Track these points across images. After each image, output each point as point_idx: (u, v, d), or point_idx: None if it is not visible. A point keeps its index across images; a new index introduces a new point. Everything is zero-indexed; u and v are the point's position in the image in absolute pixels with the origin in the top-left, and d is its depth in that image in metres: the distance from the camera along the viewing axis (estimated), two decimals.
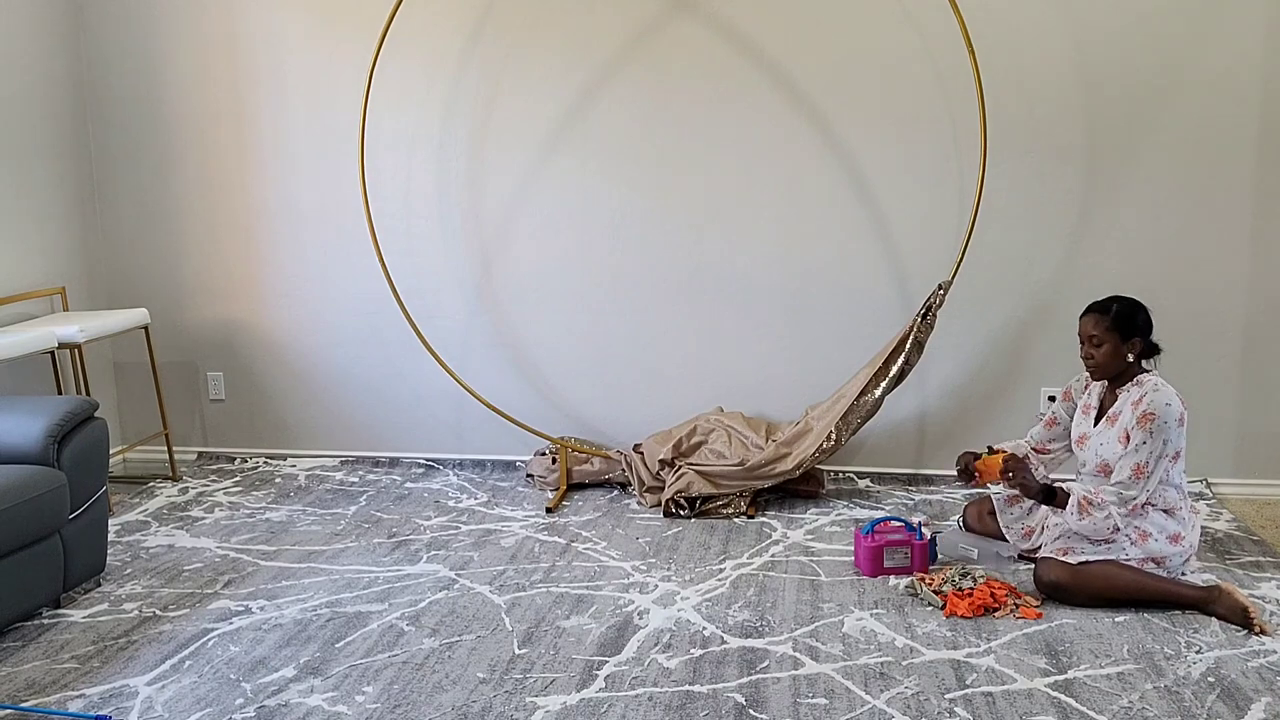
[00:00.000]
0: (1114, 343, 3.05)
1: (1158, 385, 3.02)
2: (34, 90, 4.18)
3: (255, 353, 4.54)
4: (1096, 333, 3.07)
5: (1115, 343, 3.05)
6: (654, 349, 4.27)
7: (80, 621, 3.02)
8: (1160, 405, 2.95)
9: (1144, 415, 2.95)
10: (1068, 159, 3.89)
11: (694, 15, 4.01)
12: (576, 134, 4.16)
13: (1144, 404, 2.97)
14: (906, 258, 4.05)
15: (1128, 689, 2.53)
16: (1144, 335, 3.07)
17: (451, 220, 4.30)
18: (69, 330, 3.80)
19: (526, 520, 3.81)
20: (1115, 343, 3.05)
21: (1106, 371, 3.10)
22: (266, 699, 2.56)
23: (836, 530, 3.64)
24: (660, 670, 2.66)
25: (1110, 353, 3.06)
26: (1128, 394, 3.06)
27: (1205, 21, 3.74)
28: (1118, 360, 3.07)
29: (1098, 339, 3.07)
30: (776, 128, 4.03)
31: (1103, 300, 3.12)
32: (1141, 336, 3.06)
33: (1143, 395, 3.00)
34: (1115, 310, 3.06)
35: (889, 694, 2.53)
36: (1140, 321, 3.06)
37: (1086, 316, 3.11)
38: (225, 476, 4.41)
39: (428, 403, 4.44)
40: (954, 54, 3.80)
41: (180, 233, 4.49)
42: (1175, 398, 2.98)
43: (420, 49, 4.17)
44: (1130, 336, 3.05)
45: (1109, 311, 3.07)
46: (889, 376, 3.75)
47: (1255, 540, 3.48)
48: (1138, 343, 3.06)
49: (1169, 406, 2.95)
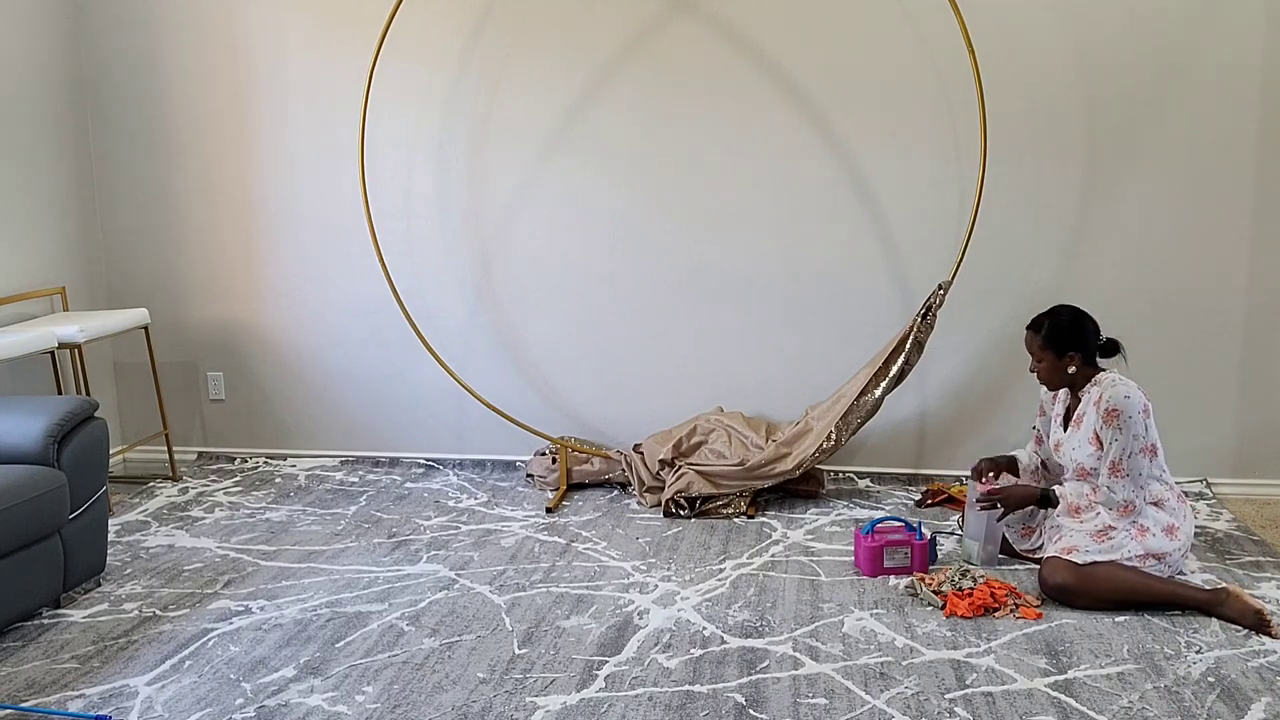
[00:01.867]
0: (1050, 359, 3.10)
1: (1114, 381, 3.04)
2: (34, 90, 4.18)
3: (255, 353, 4.54)
4: (1033, 350, 3.14)
5: (1051, 359, 3.10)
6: (654, 349, 4.27)
7: (80, 621, 3.02)
8: (1120, 399, 2.97)
9: (1107, 413, 2.99)
10: (1068, 159, 3.89)
11: (694, 15, 4.01)
12: (577, 134, 4.16)
13: (1104, 401, 3.00)
14: (906, 258, 4.05)
15: (1128, 689, 2.53)
16: (1080, 347, 3.08)
17: (451, 220, 4.30)
18: (69, 330, 3.80)
19: (526, 520, 3.81)
20: (1051, 359, 3.10)
21: (1053, 384, 3.17)
22: (266, 699, 2.56)
23: (836, 530, 3.64)
24: (660, 670, 2.66)
25: (1050, 368, 3.12)
26: (1088, 395, 3.09)
27: (1205, 21, 3.74)
28: (1059, 374, 3.12)
29: (1036, 355, 3.14)
30: (777, 127, 4.03)
31: (1038, 316, 3.16)
32: (1078, 349, 3.08)
33: (1101, 394, 3.03)
34: (1046, 328, 3.11)
35: (889, 694, 2.53)
36: (1073, 335, 3.08)
37: (1027, 333, 3.16)
38: (225, 476, 4.41)
39: (428, 403, 4.44)
40: (954, 54, 3.80)
41: (180, 233, 4.49)
42: (1134, 389, 3.01)
43: (420, 49, 4.17)
44: (1065, 351, 3.08)
45: (1040, 329, 3.12)
46: (889, 376, 3.75)
47: (1255, 540, 3.48)
48: (1075, 356, 3.08)
49: (1129, 399, 2.97)
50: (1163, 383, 3.91)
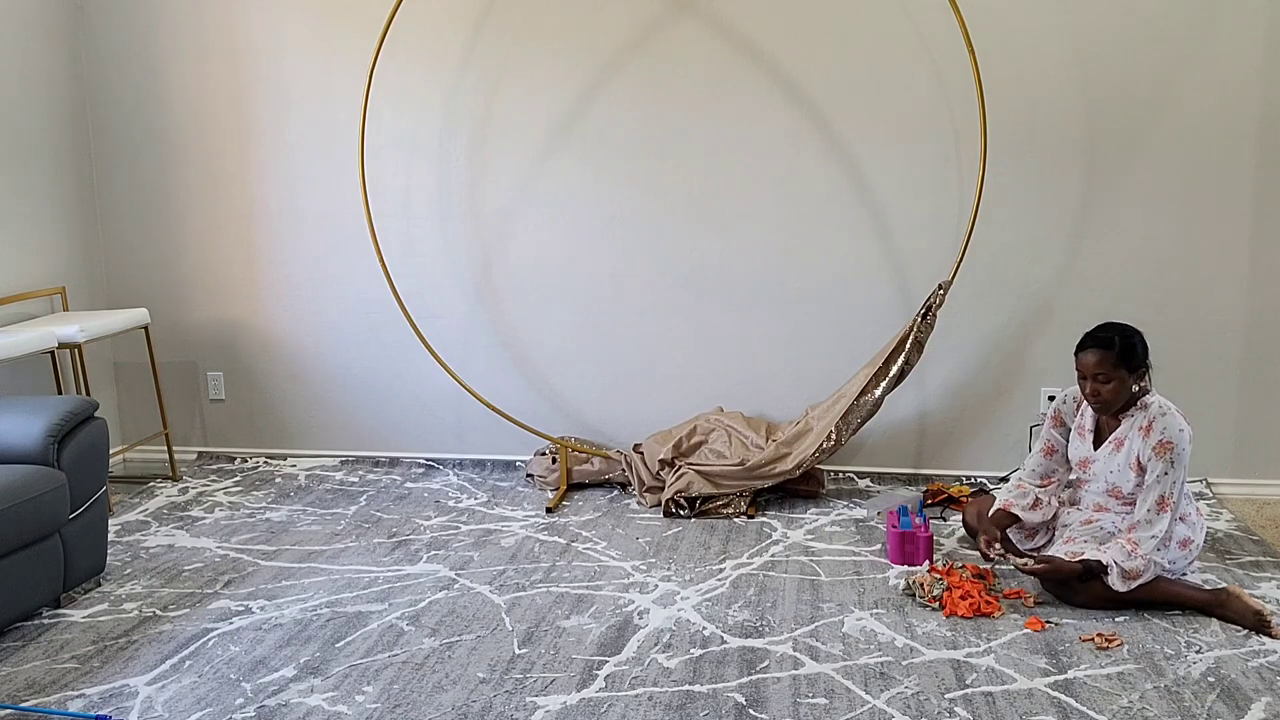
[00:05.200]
0: (1120, 379, 2.89)
1: (1164, 409, 2.90)
2: (34, 90, 4.18)
3: (255, 353, 4.54)
4: (1103, 370, 2.89)
5: (1123, 378, 2.90)
6: (654, 349, 4.27)
7: (80, 621, 3.02)
8: (1175, 432, 2.85)
9: (1161, 444, 2.85)
10: (1068, 159, 3.89)
11: (694, 15, 4.01)
12: (577, 134, 4.16)
13: (1157, 432, 2.86)
14: (906, 258, 4.05)
15: (1128, 689, 2.53)
16: (1145, 362, 2.94)
17: (451, 220, 4.30)
18: (69, 330, 3.79)
19: (526, 520, 3.81)
20: (1123, 378, 2.90)
21: (1114, 407, 2.95)
22: (266, 699, 2.56)
23: (836, 530, 3.64)
24: (660, 670, 2.66)
25: (1117, 389, 2.90)
26: (1132, 419, 2.95)
27: (1205, 22, 3.74)
28: (1125, 394, 2.92)
29: (1104, 376, 2.89)
30: (777, 127, 4.03)
31: (1101, 334, 2.94)
32: (1145, 364, 2.94)
33: (1151, 421, 2.89)
34: (1120, 345, 2.88)
35: (889, 694, 2.53)
36: (1142, 350, 2.93)
37: (1089, 352, 2.92)
38: (225, 476, 4.41)
39: (428, 403, 4.44)
40: (954, 54, 3.80)
41: (180, 233, 4.49)
42: (1184, 420, 2.89)
43: (420, 49, 4.17)
44: (1137, 368, 2.91)
45: (1113, 346, 2.88)
46: (889, 376, 3.75)
47: (1255, 540, 3.48)
48: (1144, 372, 2.93)
49: (1182, 432, 2.86)
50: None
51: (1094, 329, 2.99)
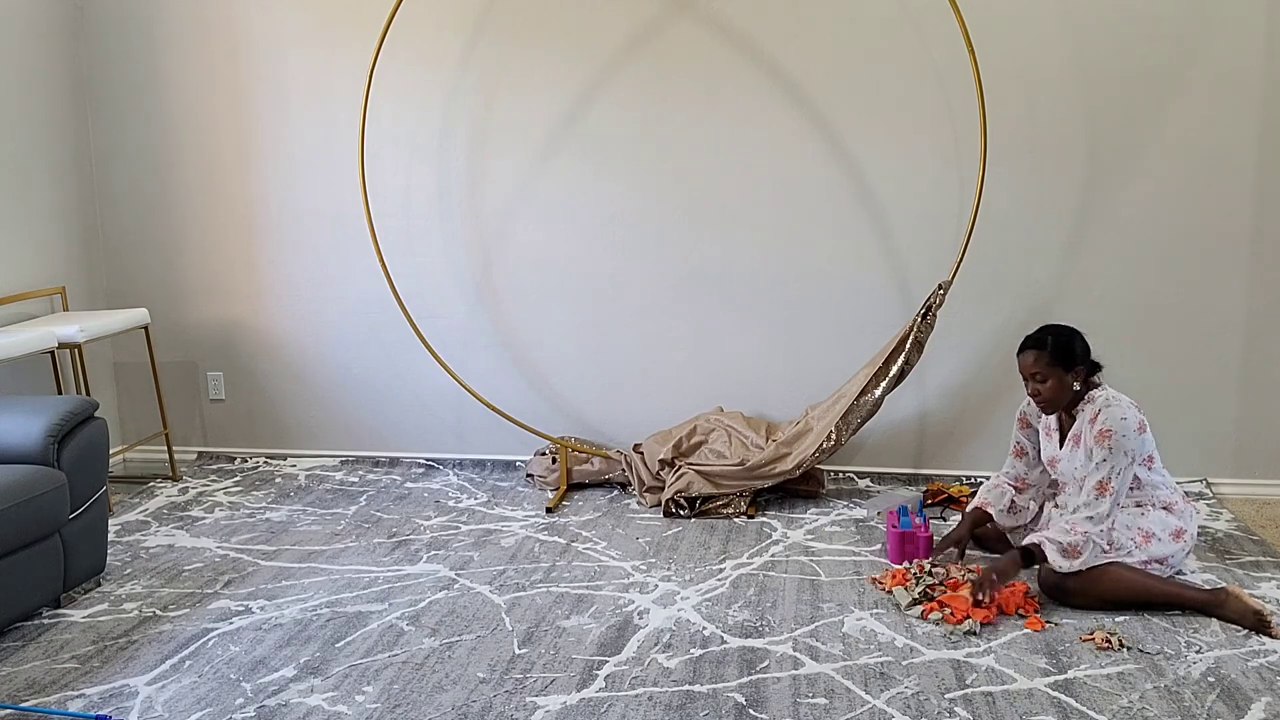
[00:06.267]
0: (1057, 377, 2.99)
1: (1109, 400, 2.97)
2: (34, 90, 4.18)
3: (255, 353, 4.54)
4: (1038, 369, 3.00)
5: (1059, 376, 2.99)
6: (654, 349, 4.27)
7: (80, 621, 3.02)
8: (1116, 420, 2.91)
9: (1101, 433, 2.92)
10: (1068, 159, 3.89)
11: (694, 15, 4.01)
12: (576, 134, 4.16)
13: (1100, 421, 2.93)
14: (906, 258, 4.05)
15: (1128, 689, 2.53)
16: (1085, 361, 3.02)
17: (451, 220, 4.30)
18: (69, 330, 3.80)
19: (526, 520, 3.81)
20: (1059, 376, 2.99)
21: (1056, 406, 3.05)
22: (266, 699, 2.56)
23: (836, 530, 3.64)
24: (660, 670, 2.66)
25: (1055, 387, 3.00)
26: (1084, 413, 3.02)
27: (1206, 21, 3.74)
28: (1064, 393, 3.01)
29: (1041, 375, 3.00)
30: (777, 127, 4.03)
31: (1036, 335, 3.05)
32: (1083, 363, 3.01)
33: (1097, 412, 2.96)
34: (1052, 344, 2.99)
35: (889, 694, 2.53)
36: (1079, 349, 3.01)
37: (1024, 354, 3.03)
38: (225, 476, 4.41)
39: (428, 403, 4.44)
40: (954, 54, 3.80)
41: (180, 233, 4.49)
42: (1130, 408, 2.94)
43: (420, 49, 4.17)
44: (1072, 367, 3.00)
45: (1045, 346, 2.99)
46: (889, 376, 3.75)
47: (1255, 540, 3.48)
48: (1080, 371, 3.01)
49: (1125, 420, 2.91)
50: (1163, 383, 3.92)
51: (1032, 331, 3.09)
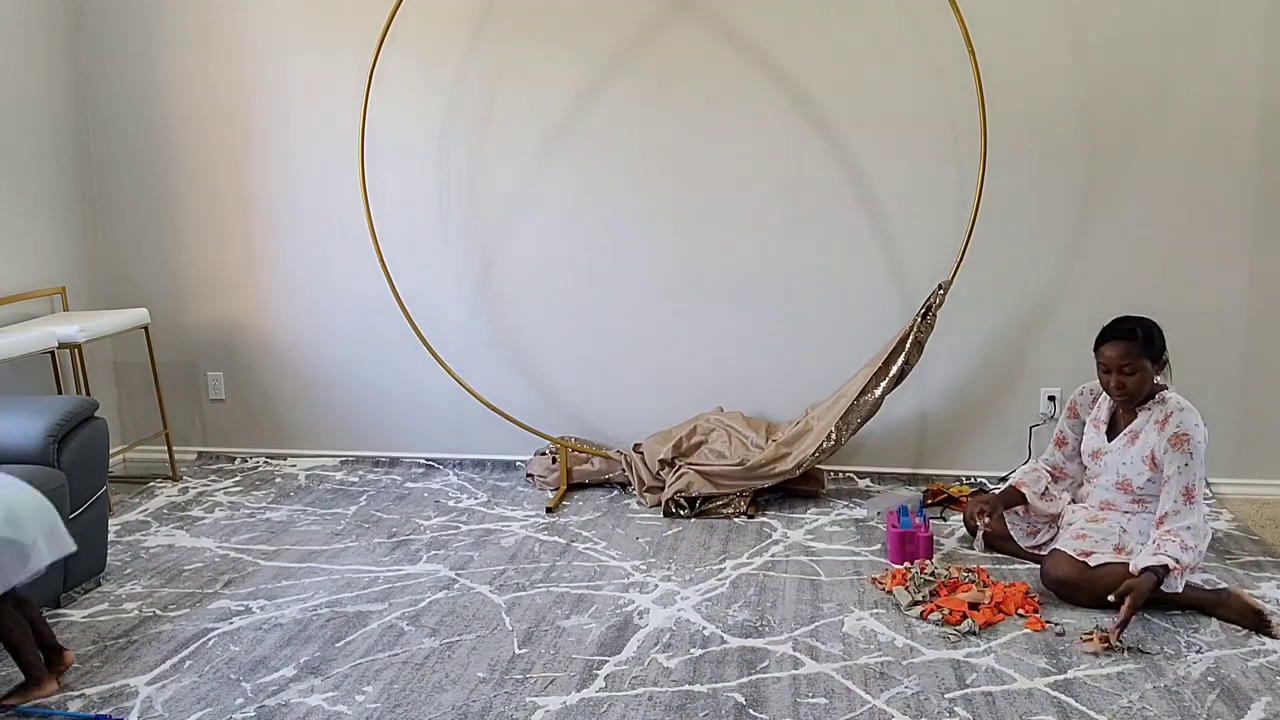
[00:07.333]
0: (1144, 369, 2.93)
1: (1182, 405, 2.94)
2: (34, 91, 4.18)
3: (255, 353, 4.54)
4: (1128, 361, 2.93)
5: (1145, 368, 2.94)
6: (654, 349, 4.27)
7: (80, 621, 3.02)
8: (1191, 426, 2.89)
9: (1177, 437, 2.88)
10: (1068, 159, 3.89)
11: (694, 16, 4.01)
12: (576, 134, 4.16)
13: (1173, 425, 2.90)
14: (906, 258, 4.05)
15: (1128, 689, 2.53)
16: (1164, 353, 2.98)
17: (451, 220, 4.30)
18: (69, 330, 3.80)
19: (526, 520, 3.81)
20: (1145, 368, 2.94)
21: (1139, 398, 2.98)
22: (266, 699, 2.56)
23: (836, 530, 3.64)
24: (660, 670, 2.66)
25: (1142, 380, 2.95)
26: (1149, 412, 2.98)
27: (1206, 23, 3.74)
28: (1147, 385, 2.97)
29: (1129, 367, 2.93)
30: (777, 128, 4.03)
31: (1124, 326, 2.97)
32: (1164, 355, 2.98)
33: (1168, 415, 2.93)
34: (1142, 335, 2.93)
35: (889, 694, 2.53)
36: (1160, 340, 2.98)
37: (1111, 345, 2.96)
38: (225, 476, 4.41)
39: (428, 403, 4.44)
40: (954, 54, 3.80)
41: (180, 233, 4.49)
42: (1199, 415, 2.93)
43: (420, 49, 4.17)
44: (1158, 358, 2.96)
45: (1136, 337, 2.93)
46: (889, 376, 3.75)
47: (1255, 540, 3.48)
48: (1165, 363, 2.98)
49: (1198, 427, 2.90)
50: None
51: (1113, 321, 3.03)
